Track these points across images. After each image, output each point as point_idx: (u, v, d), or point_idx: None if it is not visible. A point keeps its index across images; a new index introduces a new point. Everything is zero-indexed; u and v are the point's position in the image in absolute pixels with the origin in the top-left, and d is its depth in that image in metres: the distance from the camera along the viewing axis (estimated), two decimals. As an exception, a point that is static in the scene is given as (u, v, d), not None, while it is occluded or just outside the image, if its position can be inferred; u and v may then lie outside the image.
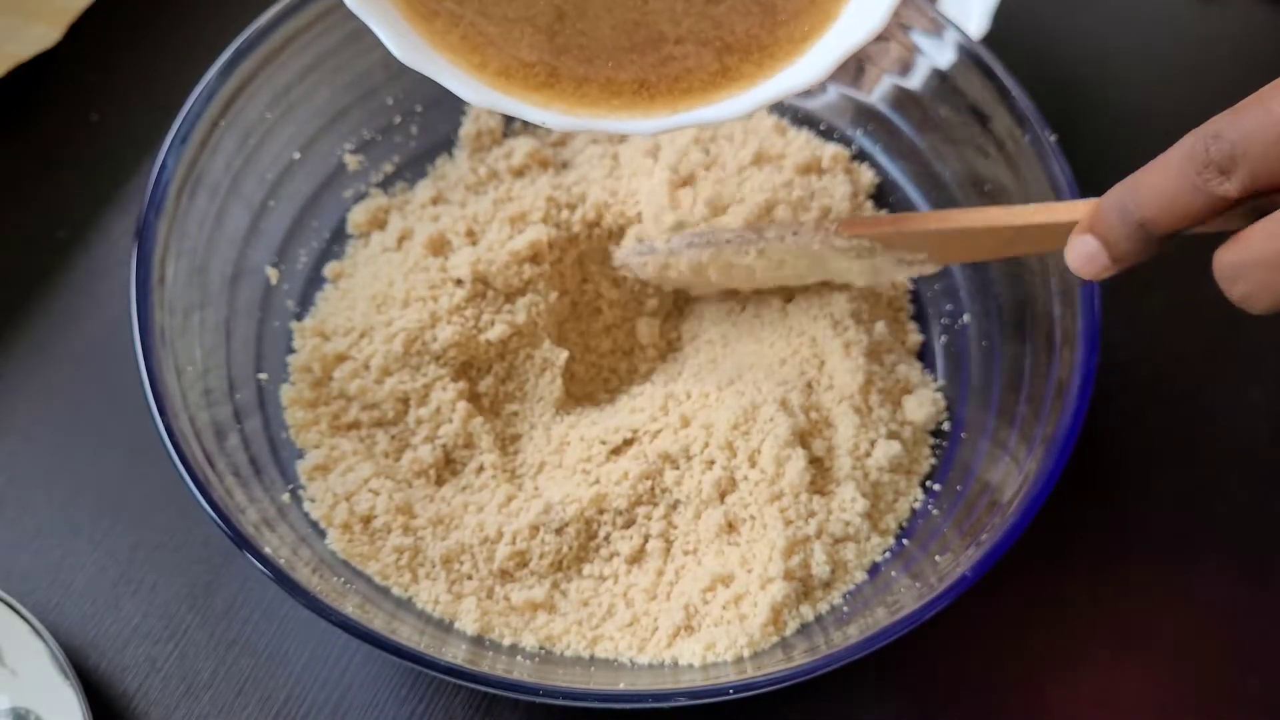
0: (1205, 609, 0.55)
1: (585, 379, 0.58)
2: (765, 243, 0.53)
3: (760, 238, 0.53)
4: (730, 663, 0.49)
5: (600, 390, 0.58)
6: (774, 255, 0.53)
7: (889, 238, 0.52)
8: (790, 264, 0.54)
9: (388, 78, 0.60)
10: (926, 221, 0.51)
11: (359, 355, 0.55)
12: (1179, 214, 0.42)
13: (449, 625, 0.50)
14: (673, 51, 0.44)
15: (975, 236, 0.50)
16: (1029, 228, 0.49)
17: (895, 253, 0.52)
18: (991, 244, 0.51)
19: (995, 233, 0.50)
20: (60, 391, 0.58)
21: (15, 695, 0.50)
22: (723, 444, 0.52)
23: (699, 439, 0.53)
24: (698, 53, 0.44)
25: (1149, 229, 0.43)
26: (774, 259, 0.53)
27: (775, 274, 0.55)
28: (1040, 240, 0.49)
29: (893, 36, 0.58)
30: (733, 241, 0.54)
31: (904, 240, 0.51)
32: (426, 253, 0.56)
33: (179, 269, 0.52)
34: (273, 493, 0.52)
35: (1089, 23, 0.70)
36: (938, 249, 0.52)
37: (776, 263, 0.54)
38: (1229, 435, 0.59)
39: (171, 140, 0.53)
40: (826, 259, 0.53)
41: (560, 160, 0.61)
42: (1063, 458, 0.48)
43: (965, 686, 0.53)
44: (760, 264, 0.54)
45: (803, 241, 0.52)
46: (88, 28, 0.65)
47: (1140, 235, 0.43)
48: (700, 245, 0.54)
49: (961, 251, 0.52)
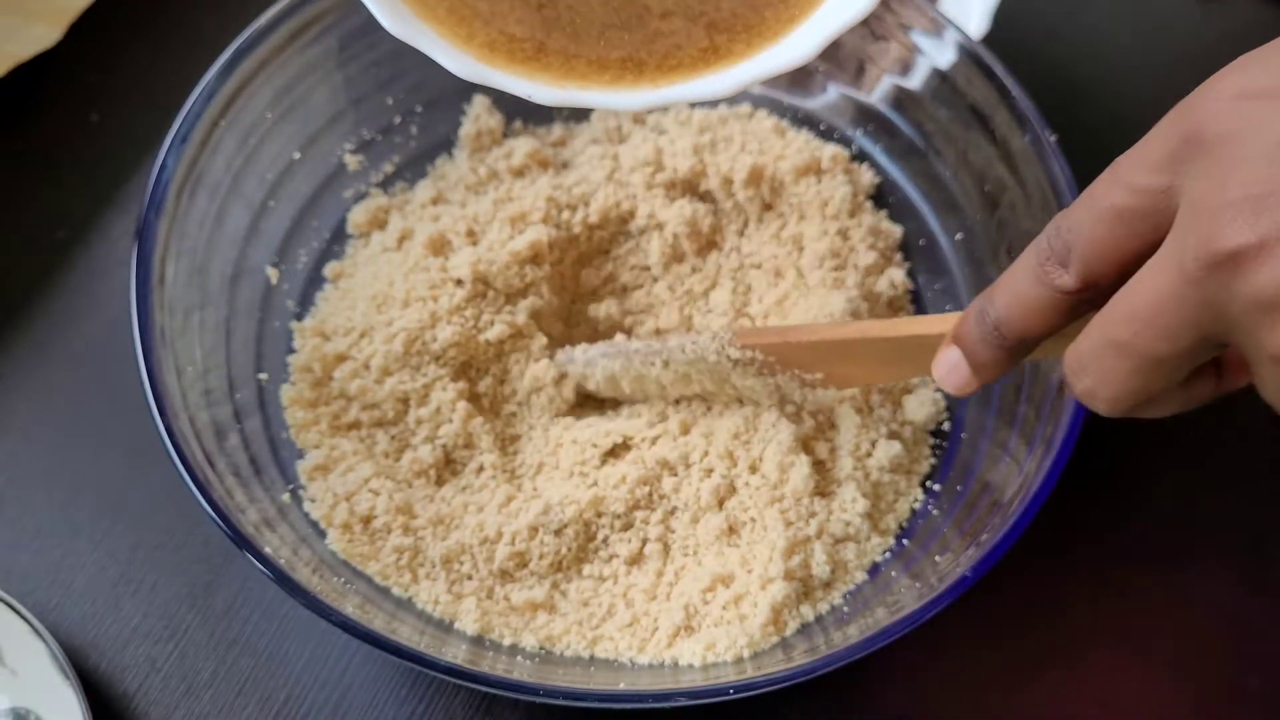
0: (1205, 609, 0.55)
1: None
2: (668, 353, 0.53)
3: (664, 348, 0.53)
4: (730, 663, 0.49)
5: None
6: (678, 368, 0.53)
7: (778, 349, 0.51)
8: (695, 379, 0.53)
9: (388, 78, 0.60)
10: (811, 333, 0.51)
11: (359, 355, 0.55)
12: (1029, 312, 0.41)
13: (449, 625, 0.50)
14: (660, 27, 0.44)
15: (858, 351, 0.50)
16: (906, 340, 0.48)
17: (792, 368, 0.52)
18: (876, 361, 0.50)
19: (874, 345, 0.49)
20: (60, 391, 0.58)
21: (15, 695, 0.50)
22: (723, 453, 0.52)
23: (698, 447, 0.53)
24: (687, 29, 0.44)
25: (1003, 331, 0.42)
26: (679, 372, 0.53)
27: (683, 389, 0.54)
28: (920, 357, 0.47)
29: (893, 36, 0.58)
30: (640, 352, 0.53)
31: (794, 353, 0.51)
32: (427, 253, 0.56)
33: (179, 269, 0.52)
34: (273, 493, 0.52)
35: (1089, 23, 0.70)
36: (826, 365, 0.51)
37: (682, 376, 0.53)
38: (1229, 435, 0.59)
39: (171, 140, 0.53)
40: (729, 374, 0.52)
41: (560, 160, 0.61)
42: (1063, 458, 0.48)
43: (965, 686, 0.53)
44: (667, 376, 0.53)
45: (701, 350, 0.52)
46: (88, 28, 0.65)
47: (996, 340, 0.42)
48: (612, 356, 0.54)
49: (853, 371, 0.51)
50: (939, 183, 0.59)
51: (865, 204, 0.60)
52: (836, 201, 0.59)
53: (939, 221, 0.59)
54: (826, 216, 0.59)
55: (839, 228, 0.58)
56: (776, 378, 0.52)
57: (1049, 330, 0.41)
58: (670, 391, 0.54)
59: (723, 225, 0.59)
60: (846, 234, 0.59)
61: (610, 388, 0.55)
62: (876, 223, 0.60)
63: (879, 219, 0.60)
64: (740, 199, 0.59)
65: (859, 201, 0.60)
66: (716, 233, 0.59)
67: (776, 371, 0.52)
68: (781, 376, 0.52)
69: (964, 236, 0.58)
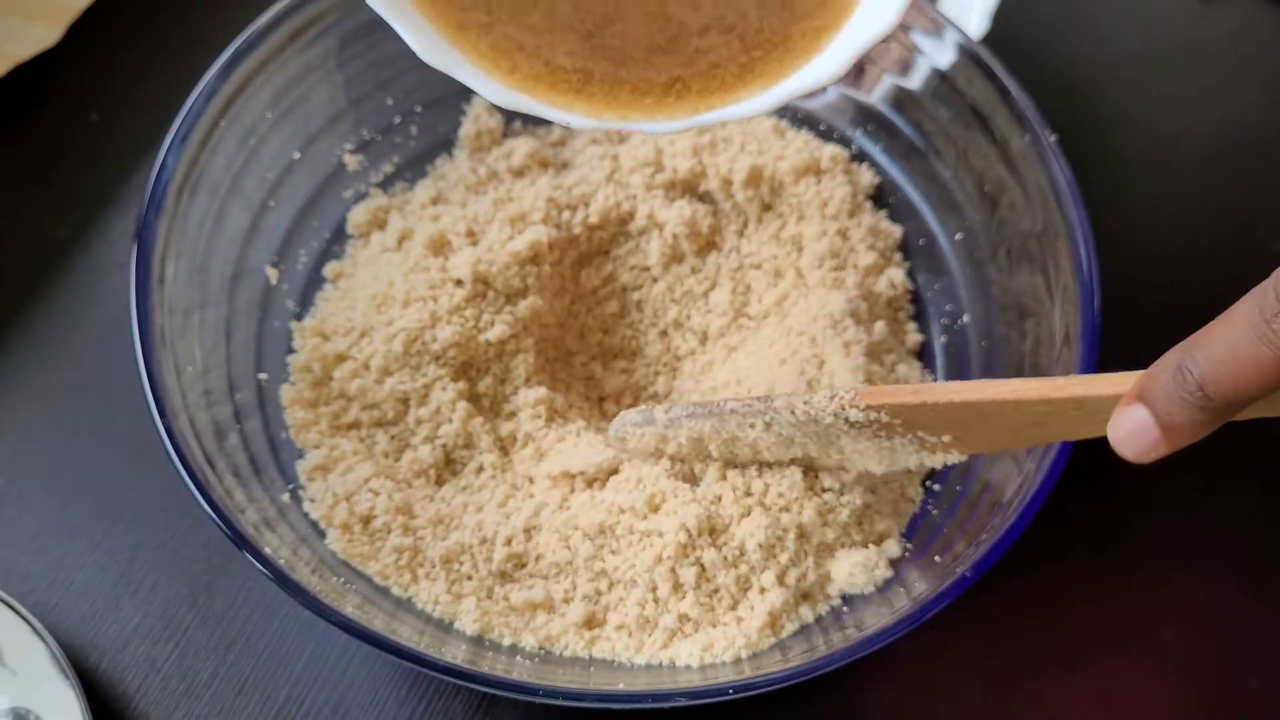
0: (1205, 609, 0.55)
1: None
2: (773, 414, 0.48)
3: (768, 409, 0.48)
4: (729, 663, 0.49)
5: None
6: (782, 430, 0.48)
7: (909, 410, 0.46)
8: (799, 442, 0.49)
9: (388, 78, 0.60)
10: (949, 393, 0.45)
11: (359, 355, 0.55)
12: (1245, 371, 0.36)
13: (449, 625, 0.50)
14: (699, 45, 0.43)
15: (1006, 413, 0.44)
16: (1064, 402, 0.43)
17: (916, 431, 0.47)
18: (1024, 423, 0.45)
19: (1027, 408, 0.44)
20: (60, 391, 0.58)
21: (15, 695, 0.50)
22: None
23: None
24: (725, 44, 0.43)
25: (1209, 392, 0.37)
26: (783, 435, 0.49)
27: (783, 452, 0.50)
28: (1077, 420, 0.43)
29: (893, 36, 0.58)
30: (737, 412, 0.49)
31: (925, 416, 0.46)
32: (427, 253, 0.56)
33: (179, 269, 0.52)
34: (273, 493, 0.52)
35: (1089, 23, 0.70)
36: (961, 429, 0.46)
37: (785, 440, 0.49)
38: (1229, 435, 0.59)
39: (171, 140, 0.53)
40: (839, 437, 0.48)
41: (560, 160, 0.61)
42: (1063, 458, 0.48)
43: (965, 686, 0.53)
44: (766, 439, 0.49)
45: (814, 412, 0.47)
46: (88, 28, 0.65)
47: (1198, 402, 0.38)
48: (701, 416, 0.49)
49: (992, 436, 0.46)
50: (939, 183, 0.59)
51: (865, 204, 0.60)
52: (836, 202, 0.59)
53: (939, 221, 0.59)
54: (826, 217, 0.59)
55: (838, 228, 0.58)
56: (894, 440, 0.48)
57: (1265, 393, 0.37)
58: (765, 455, 0.50)
59: (722, 226, 0.59)
60: (846, 234, 0.59)
61: (694, 451, 0.51)
62: (876, 223, 0.60)
63: (878, 219, 0.60)
64: (740, 199, 0.59)
65: (858, 201, 0.60)
66: (716, 233, 0.59)
67: (896, 434, 0.47)
68: (900, 440, 0.48)
69: (964, 236, 0.58)
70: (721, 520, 0.50)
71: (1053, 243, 0.53)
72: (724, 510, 0.50)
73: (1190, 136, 0.66)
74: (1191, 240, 0.63)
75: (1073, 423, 0.43)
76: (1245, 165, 0.66)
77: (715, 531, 0.50)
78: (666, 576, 0.49)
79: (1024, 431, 0.45)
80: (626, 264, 0.59)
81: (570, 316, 0.58)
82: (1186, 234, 0.63)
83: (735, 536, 0.50)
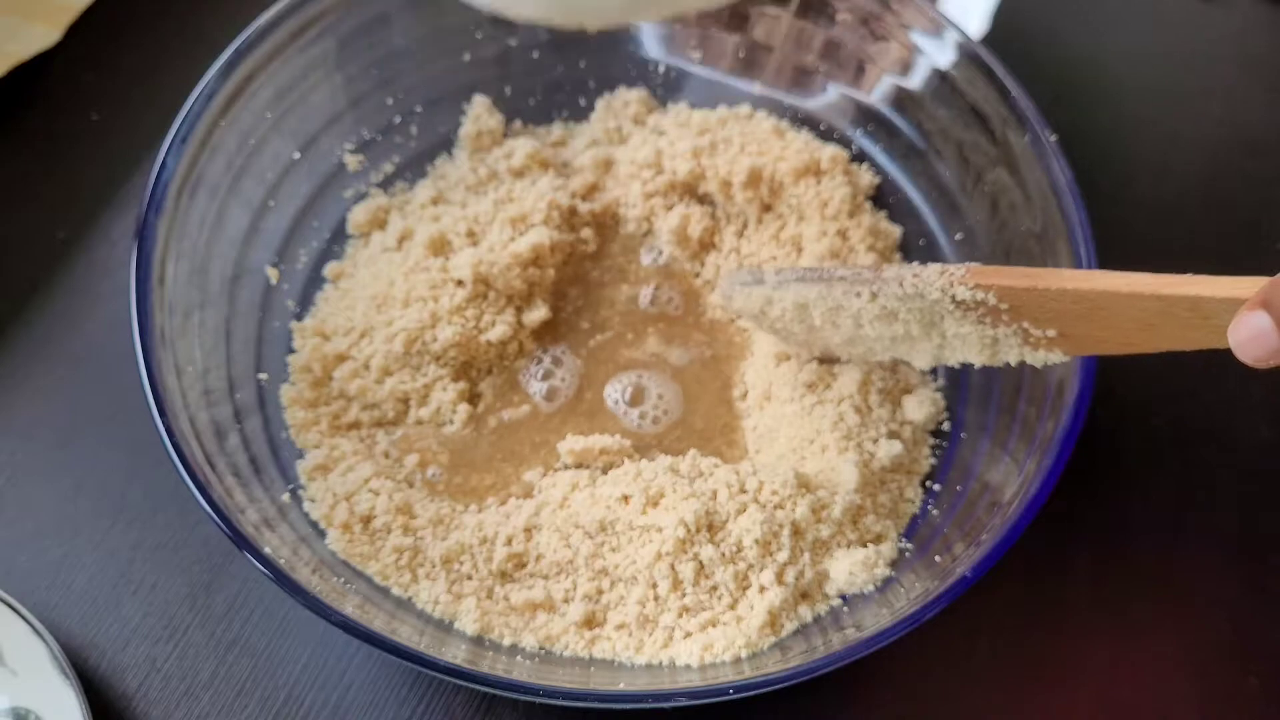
0: (1205, 609, 0.55)
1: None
2: (881, 283, 0.48)
3: (876, 278, 0.48)
4: (729, 663, 0.49)
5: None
6: (887, 302, 0.48)
7: (1018, 294, 0.45)
8: (903, 318, 0.48)
9: (388, 78, 0.60)
10: (1061, 279, 0.44)
11: (359, 355, 0.55)
12: None
13: (449, 625, 0.50)
14: None
15: (1116, 308, 0.43)
16: (1178, 300, 0.41)
17: (1022, 322, 0.46)
18: (1133, 324, 0.43)
19: (1140, 303, 0.42)
20: (60, 391, 0.58)
21: (15, 695, 0.50)
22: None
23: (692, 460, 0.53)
24: None
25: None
26: (887, 308, 0.48)
27: (884, 329, 0.49)
28: (1188, 324, 0.42)
29: (893, 36, 0.58)
30: (846, 279, 0.48)
31: (1034, 302, 0.45)
32: (427, 253, 0.56)
33: (179, 269, 0.52)
34: (273, 493, 0.52)
35: (1089, 23, 0.70)
36: (1069, 323, 0.45)
37: (889, 314, 0.48)
38: (1228, 435, 0.59)
39: (171, 140, 0.53)
40: (943, 318, 0.47)
41: (560, 161, 0.61)
42: (1063, 458, 0.48)
43: (965, 686, 0.53)
44: (870, 311, 0.48)
45: (922, 286, 0.47)
46: (88, 28, 0.65)
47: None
48: (810, 280, 0.49)
49: (1099, 334, 0.45)
50: (939, 183, 0.59)
51: (865, 204, 0.60)
52: (836, 202, 0.59)
53: (939, 221, 0.59)
54: (826, 217, 0.59)
55: (838, 228, 0.58)
56: (998, 329, 0.46)
57: None
58: (866, 330, 0.49)
59: (721, 227, 0.59)
60: (846, 234, 0.59)
61: (797, 317, 0.50)
62: (876, 223, 0.60)
63: (878, 219, 0.60)
64: (739, 201, 0.59)
65: (858, 202, 0.60)
66: (715, 234, 0.59)
67: (1001, 322, 0.46)
68: (1005, 329, 0.46)
69: (964, 236, 0.58)
70: (719, 516, 0.50)
71: (1053, 243, 0.53)
72: (721, 506, 0.50)
73: (1190, 136, 0.66)
74: (1191, 240, 0.63)
75: (1184, 326, 0.42)
76: (1245, 165, 0.66)
77: (713, 527, 0.50)
78: (666, 573, 0.49)
79: (1133, 334, 0.44)
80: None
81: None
82: (1186, 234, 0.64)
83: (732, 532, 0.50)
